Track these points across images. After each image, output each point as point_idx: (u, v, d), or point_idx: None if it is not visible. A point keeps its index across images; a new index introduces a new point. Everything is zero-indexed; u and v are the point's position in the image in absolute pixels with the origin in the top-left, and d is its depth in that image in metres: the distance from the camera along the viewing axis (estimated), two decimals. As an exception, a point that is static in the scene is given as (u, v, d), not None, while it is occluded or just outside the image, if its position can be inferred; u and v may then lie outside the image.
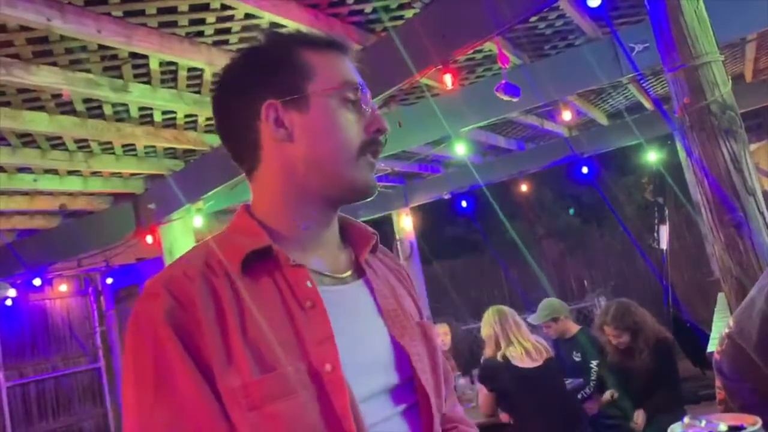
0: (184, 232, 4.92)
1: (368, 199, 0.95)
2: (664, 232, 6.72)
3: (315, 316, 0.84)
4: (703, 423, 0.67)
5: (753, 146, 7.40)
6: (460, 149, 5.38)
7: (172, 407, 0.78)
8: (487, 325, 3.75)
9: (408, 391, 0.90)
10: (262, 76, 0.93)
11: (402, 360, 0.91)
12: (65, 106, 3.66)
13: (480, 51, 3.97)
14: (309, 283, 0.87)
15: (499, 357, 3.60)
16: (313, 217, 0.94)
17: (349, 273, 0.96)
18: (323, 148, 0.91)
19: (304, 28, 3.03)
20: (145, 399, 0.80)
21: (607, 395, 4.06)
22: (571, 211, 11.70)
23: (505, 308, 3.82)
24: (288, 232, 0.93)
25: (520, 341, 3.62)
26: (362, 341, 0.89)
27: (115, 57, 3.18)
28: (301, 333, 0.83)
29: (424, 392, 0.90)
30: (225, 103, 0.97)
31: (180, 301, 0.82)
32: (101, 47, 3.01)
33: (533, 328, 4.12)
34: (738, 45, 4.99)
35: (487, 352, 3.74)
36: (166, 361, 0.79)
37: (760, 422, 0.66)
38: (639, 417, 3.83)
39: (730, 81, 2.27)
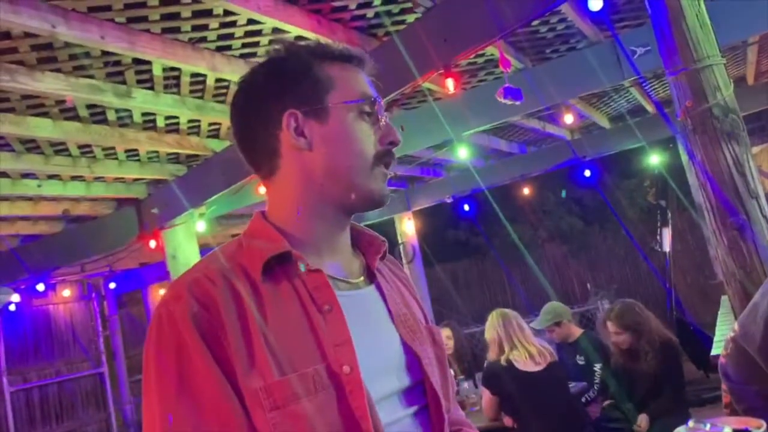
0: (187, 236, 4.93)
1: (383, 206, 1.00)
2: (667, 235, 6.71)
3: (333, 319, 0.87)
4: (708, 426, 0.68)
5: (755, 149, 7.39)
6: (463, 153, 5.39)
7: (194, 407, 0.80)
8: (491, 328, 3.75)
9: (419, 394, 0.94)
10: (284, 86, 0.96)
11: (413, 363, 0.94)
12: (69, 112, 3.67)
13: (482, 55, 3.98)
14: (327, 288, 0.90)
15: (502, 361, 3.59)
16: (329, 223, 0.98)
17: (362, 278, 1.00)
18: (341, 157, 0.95)
19: (306, 34, 3.04)
20: (168, 399, 0.81)
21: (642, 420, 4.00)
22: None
23: (509, 311, 3.82)
24: (304, 237, 0.96)
25: (524, 345, 3.62)
26: (376, 344, 0.92)
27: (118, 63, 3.19)
28: (320, 336, 0.86)
29: (434, 394, 0.93)
30: (246, 110, 1.00)
31: (203, 303, 0.84)
32: (105, 53, 3.02)
33: (537, 332, 4.12)
34: (740, 48, 4.99)
35: (491, 355, 3.73)
36: (189, 362, 0.81)
37: (764, 425, 0.67)
38: (643, 421, 3.81)
39: (732, 84, 2.27)
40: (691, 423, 0.70)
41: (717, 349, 3.44)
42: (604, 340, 4.31)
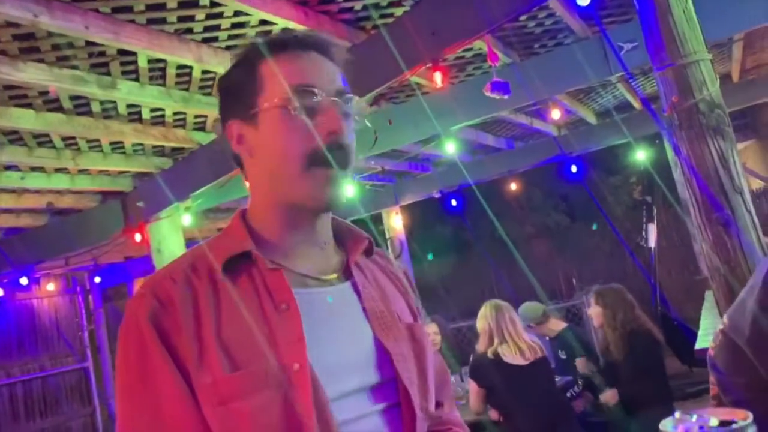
0: (172, 230, 4.89)
1: (331, 210, 0.97)
2: (652, 230, 6.74)
3: (288, 317, 0.87)
4: (695, 418, 0.68)
5: (740, 146, 7.47)
6: (450, 148, 5.38)
7: (153, 403, 0.84)
8: (483, 318, 3.75)
9: (391, 391, 0.92)
10: (228, 96, 0.99)
11: (384, 360, 0.93)
12: (52, 104, 3.63)
13: (470, 49, 3.98)
14: (284, 286, 0.90)
15: (489, 353, 3.60)
16: (291, 224, 0.97)
17: (336, 275, 0.99)
18: (271, 162, 0.93)
19: (293, 26, 3.02)
20: (131, 394, 0.85)
21: (607, 396, 4.05)
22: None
23: (503, 304, 3.82)
24: (272, 236, 0.97)
25: (514, 340, 3.63)
26: (341, 341, 0.92)
27: (103, 54, 3.16)
28: (275, 334, 0.86)
29: (406, 392, 0.92)
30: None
31: (162, 302, 0.88)
32: (89, 44, 2.99)
33: (528, 327, 4.15)
34: (725, 45, 5.02)
35: (480, 347, 3.74)
36: (148, 359, 0.85)
37: (751, 417, 0.67)
38: (609, 396, 3.88)
39: (718, 80, 2.28)
40: (677, 414, 0.70)
41: (701, 343, 3.47)
42: (585, 334, 4.35)
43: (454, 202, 7.06)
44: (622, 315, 3.93)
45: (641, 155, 6.82)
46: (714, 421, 0.66)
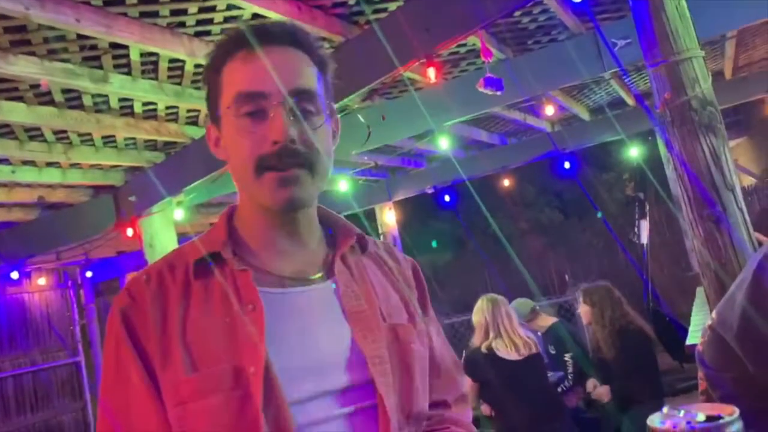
0: (164, 224, 4.88)
1: (296, 210, 0.95)
2: (645, 227, 6.78)
3: (253, 319, 0.87)
4: (682, 413, 0.68)
5: (732, 143, 7.50)
6: (444, 143, 5.39)
7: (124, 399, 0.87)
8: (479, 312, 3.76)
9: (366, 393, 0.89)
10: (207, 100, 0.99)
11: (361, 363, 0.90)
12: (44, 97, 3.61)
13: (463, 45, 3.97)
14: (251, 288, 0.90)
15: (483, 348, 3.61)
16: (268, 223, 0.97)
17: (319, 275, 0.97)
18: (233, 167, 0.95)
19: (286, 20, 3.00)
20: (106, 389, 0.89)
21: (589, 385, 4.09)
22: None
23: (500, 298, 3.82)
24: (253, 235, 0.98)
25: (509, 334, 3.63)
26: (311, 343, 0.90)
27: (94, 47, 3.14)
28: (238, 335, 0.86)
29: (380, 395, 0.88)
30: None
31: (135, 300, 0.90)
32: (80, 37, 2.97)
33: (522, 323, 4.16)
34: (718, 42, 5.04)
35: (475, 340, 3.74)
36: (120, 356, 0.88)
37: (737, 412, 0.67)
38: (601, 390, 3.90)
39: (711, 77, 2.29)
40: (665, 409, 0.70)
41: (692, 339, 3.49)
42: (576, 329, 4.37)
43: (447, 198, 7.06)
44: (610, 312, 3.95)
45: (634, 152, 6.86)
46: (701, 417, 0.66)
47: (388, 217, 7.68)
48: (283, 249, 0.97)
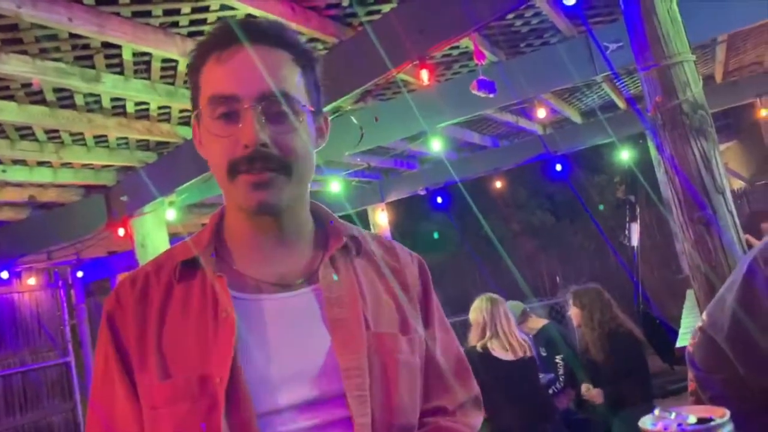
0: (156, 225, 4.86)
1: (270, 213, 0.91)
2: (635, 230, 6.81)
3: (225, 327, 0.85)
4: (673, 415, 0.68)
5: (722, 146, 7.55)
6: (436, 145, 5.40)
7: (110, 399, 0.89)
8: (477, 310, 3.75)
9: (339, 406, 0.86)
10: (191, 100, 0.97)
11: (336, 373, 0.86)
12: (35, 96, 3.59)
13: (456, 47, 3.98)
14: (225, 295, 0.88)
15: (479, 347, 3.61)
16: (249, 225, 0.94)
17: (301, 280, 0.93)
18: (210, 166, 0.93)
19: (271, 19, 3.00)
20: (96, 388, 0.91)
21: (583, 388, 4.11)
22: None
23: (499, 298, 3.82)
24: (236, 237, 0.97)
25: (506, 335, 3.63)
26: (283, 352, 0.87)
27: (87, 46, 3.12)
28: (210, 343, 0.85)
29: (351, 409, 0.85)
30: None
31: (120, 302, 0.91)
32: (73, 36, 2.95)
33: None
34: (709, 46, 5.07)
35: (472, 339, 3.74)
36: (107, 357, 0.90)
37: (728, 414, 0.67)
38: (594, 392, 3.92)
39: (701, 81, 2.31)
40: (657, 411, 0.71)
41: (682, 341, 3.51)
42: (567, 331, 4.38)
43: (439, 200, 7.08)
44: (600, 315, 3.96)
45: (625, 155, 6.89)
46: (692, 419, 0.67)
47: (381, 219, 7.68)
48: (266, 253, 0.94)
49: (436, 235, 12.94)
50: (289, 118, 0.89)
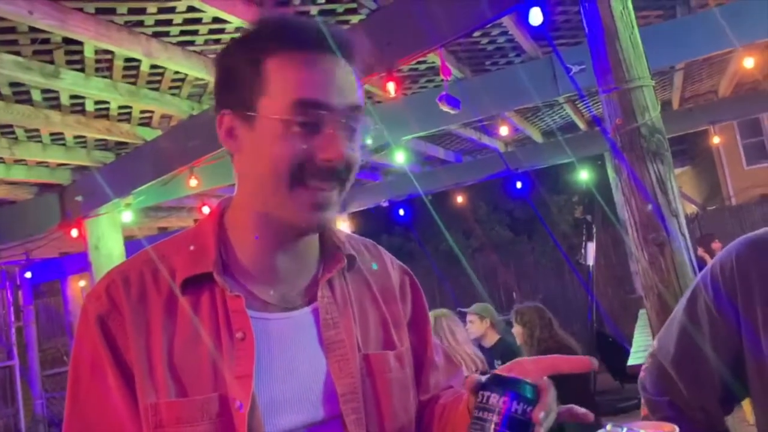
0: (111, 227, 4.76)
1: (318, 232, 0.90)
2: (591, 249, 6.95)
3: (242, 349, 0.83)
4: (625, 430, 0.69)
5: (677, 171, 7.75)
6: (400, 157, 5.42)
7: (99, 406, 0.83)
8: None
9: (338, 427, 0.87)
10: (223, 84, 0.90)
11: (334, 395, 0.87)
12: (-10, 89, 3.49)
13: (424, 62, 4.02)
14: (243, 315, 0.85)
15: None
16: (271, 238, 0.89)
17: (300, 300, 0.92)
18: (262, 170, 0.85)
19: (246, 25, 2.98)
20: (78, 393, 0.85)
21: None
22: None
23: (445, 312, 3.79)
24: (246, 248, 0.91)
25: (454, 351, 3.61)
26: (289, 375, 0.87)
27: (47, 41, 3.05)
28: (225, 364, 0.82)
29: (351, 428, 0.87)
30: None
31: (114, 305, 0.85)
32: (32, 29, 2.88)
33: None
34: (667, 73, 5.23)
35: None
36: (99, 363, 0.84)
37: (677, 430, 0.69)
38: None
39: (660, 106, 2.37)
40: (609, 426, 0.72)
41: (633, 360, 3.58)
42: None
43: (401, 212, 7.10)
44: (539, 333, 4.01)
45: (584, 175, 7.04)
46: (642, 434, 0.68)
47: (342, 229, 7.67)
48: (278, 271, 0.91)
49: (397, 247, 12.99)
50: (358, 134, 0.87)
